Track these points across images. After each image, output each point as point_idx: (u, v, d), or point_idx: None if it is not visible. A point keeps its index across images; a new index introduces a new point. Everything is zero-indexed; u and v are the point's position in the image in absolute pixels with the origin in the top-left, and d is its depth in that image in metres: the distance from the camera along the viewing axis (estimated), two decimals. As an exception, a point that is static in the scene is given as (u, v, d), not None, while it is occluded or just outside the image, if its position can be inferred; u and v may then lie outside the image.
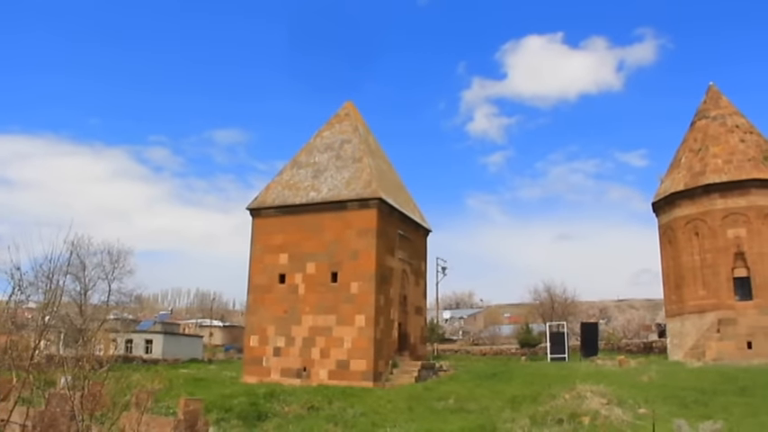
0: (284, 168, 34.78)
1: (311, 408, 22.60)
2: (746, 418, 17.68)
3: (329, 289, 30.57)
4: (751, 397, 20.78)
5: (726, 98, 40.12)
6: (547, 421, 17.96)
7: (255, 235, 33.14)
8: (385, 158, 37.38)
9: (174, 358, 53.20)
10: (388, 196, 32.07)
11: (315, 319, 30.44)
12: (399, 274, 33.30)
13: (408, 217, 34.79)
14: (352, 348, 29.46)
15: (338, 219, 31.27)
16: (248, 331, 32.41)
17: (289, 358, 30.51)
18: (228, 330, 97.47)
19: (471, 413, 20.34)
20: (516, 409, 20.02)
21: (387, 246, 31.81)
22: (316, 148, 34.86)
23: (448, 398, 22.60)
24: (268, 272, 32.06)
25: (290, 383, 28.25)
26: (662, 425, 16.23)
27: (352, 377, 28.78)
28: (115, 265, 48.86)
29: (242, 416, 21.20)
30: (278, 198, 33.12)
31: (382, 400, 23.37)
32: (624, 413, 18.34)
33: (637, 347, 51.09)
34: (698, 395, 21.07)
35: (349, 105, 36.95)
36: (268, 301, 31.69)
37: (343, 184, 32.09)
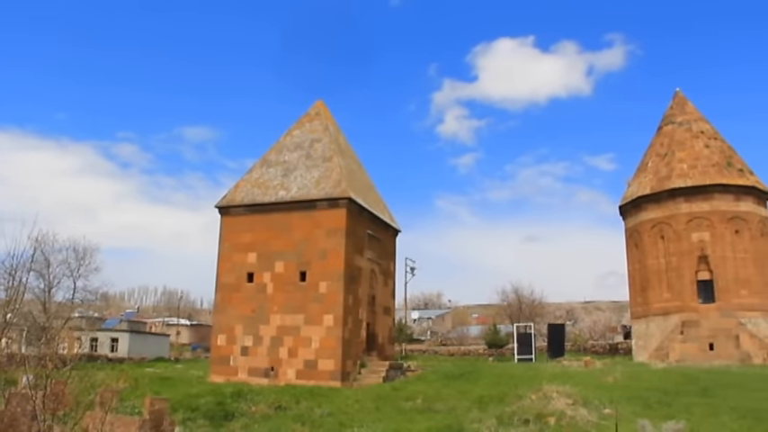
0: (254, 167, 34.58)
1: (278, 407, 22.51)
2: (707, 418, 18.01)
3: (298, 288, 30.47)
4: (712, 397, 21.17)
5: (691, 104, 40.82)
6: (513, 421, 18.09)
7: (224, 233, 32.90)
8: (355, 158, 37.36)
9: (141, 357, 52.65)
10: (357, 196, 32.05)
11: (283, 319, 30.31)
12: (368, 274, 33.30)
13: (378, 217, 34.81)
14: (321, 348, 29.39)
15: (307, 218, 31.18)
16: (216, 330, 32.16)
17: (256, 357, 30.34)
18: (196, 329, 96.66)
19: (438, 413, 20.40)
20: (483, 409, 20.13)
21: (356, 245, 31.79)
22: (286, 147, 34.71)
23: (415, 398, 22.63)
24: (236, 271, 31.85)
25: (257, 383, 28.09)
26: (626, 425, 16.44)
27: (320, 377, 28.71)
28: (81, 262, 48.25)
29: (209, 415, 21.04)
30: (247, 196, 32.92)
31: (350, 400, 23.34)
32: (589, 413, 18.54)
33: (603, 349, 51.80)
34: (661, 395, 21.38)
35: (320, 104, 36.85)
36: (236, 300, 31.48)
37: (313, 183, 32.00)
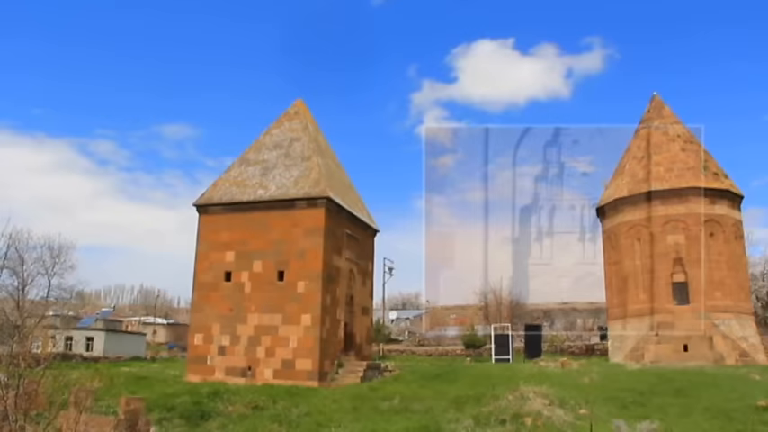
0: (232, 165, 34.43)
1: (255, 407, 22.43)
2: (681, 418, 18.28)
3: (275, 288, 30.37)
4: (686, 397, 21.47)
5: (668, 108, 41.26)
6: (490, 421, 18.20)
7: (202, 232, 32.72)
8: (334, 158, 37.33)
9: (116, 356, 52.22)
10: (336, 196, 32.03)
11: (260, 318, 30.20)
12: (346, 274, 33.29)
13: (356, 217, 34.81)
14: (298, 348, 29.32)
15: (286, 217, 31.09)
16: (193, 329, 31.97)
17: (233, 357, 30.20)
18: (173, 328, 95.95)
19: (416, 413, 20.45)
20: (460, 409, 20.22)
21: (334, 245, 31.76)
22: (264, 146, 34.59)
23: (393, 398, 22.67)
24: (214, 269, 31.69)
25: (234, 383, 27.98)
26: (602, 425, 16.63)
27: (298, 376, 28.65)
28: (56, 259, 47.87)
29: (185, 415, 20.93)
30: (225, 195, 32.77)
31: (327, 400, 23.34)
32: (565, 414, 18.71)
33: (579, 350, 52.13)
34: (636, 396, 21.63)
35: (299, 104, 36.77)
36: (213, 299, 31.32)
37: (292, 182, 31.92)
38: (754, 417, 18.43)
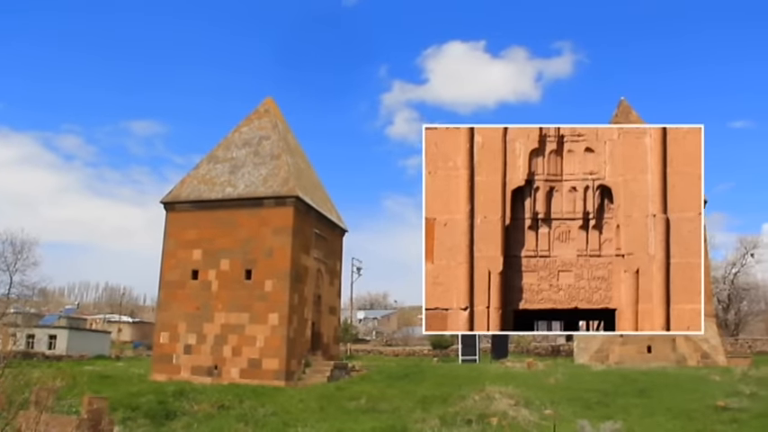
0: (201, 162, 34.15)
1: (221, 407, 22.30)
2: (644, 418, 18.56)
3: (243, 286, 30.21)
4: (649, 398, 21.80)
5: (635, 113, 41.80)
6: (456, 421, 18.30)
7: (169, 229, 32.42)
8: (304, 157, 37.22)
9: (80, 355, 51.53)
10: (305, 195, 31.95)
11: (227, 317, 30.02)
12: (314, 274, 33.23)
13: (325, 216, 34.75)
14: (265, 347, 29.20)
15: (254, 216, 30.95)
16: (159, 328, 31.65)
17: (200, 356, 29.98)
18: (138, 326, 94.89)
19: (382, 413, 20.48)
20: (427, 409, 20.30)
21: (302, 244, 31.68)
22: (233, 144, 34.37)
23: (360, 398, 22.67)
24: (181, 267, 31.42)
25: (200, 382, 27.78)
26: (566, 425, 16.81)
27: (264, 376, 28.53)
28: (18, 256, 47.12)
29: (150, 414, 20.72)
30: (193, 192, 32.50)
31: (294, 400, 23.27)
32: (531, 414, 18.89)
33: (545, 350, 52.75)
34: (601, 396, 21.89)
35: (269, 102, 36.58)
36: (180, 297, 31.05)
37: (261, 180, 31.78)
38: (713, 417, 18.82)
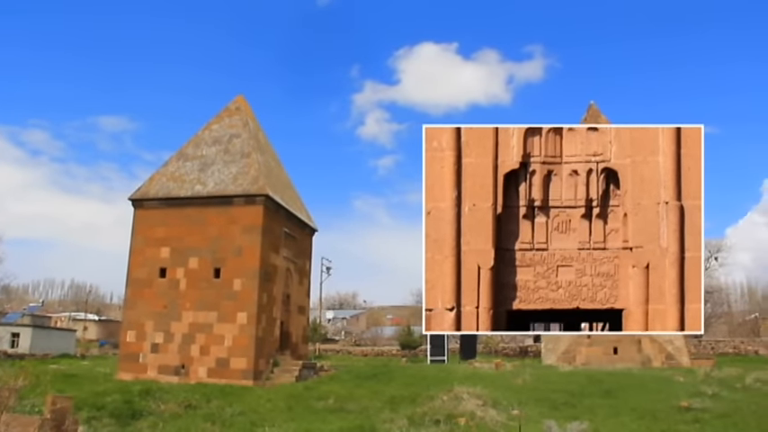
0: (170, 160, 33.82)
1: (188, 406, 22.10)
2: (609, 419, 18.78)
3: (211, 285, 29.99)
4: (614, 399, 22.07)
5: (604, 116, 42.24)
6: (424, 422, 18.33)
7: (137, 227, 32.06)
8: (274, 155, 37.06)
9: (44, 353, 50.67)
10: (275, 194, 31.82)
11: (195, 316, 29.78)
12: (283, 273, 33.11)
13: (295, 215, 34.65)
14: (233, 346, 29.03)
15: (223, 214, 30.75)
16: (125, 326, 31.30)
17: (167, 355, 29.70)
18: (104, 325, 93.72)
19: (351, 413, 20.47)
20: (395, 409, 20.32)
21: (272, 243, 31.55)
22: (204, 141, 34.10)
23: (328, 398, 22.63)
24: (148, 265, 31.09)
25: (167, 381, 27.55)
26: (533, 425, 16.95)
27: (232, 375, 28.36)
28: (-19, 252, 46.13)
29: (115, 414, 20.45)
30: (162, 190, 32.19)
31: (262, 399, 23.16)
32: (498, 414, 18.98)
33: (513, 351, 53.21)
34: (567, 397, 22.12)
35: (240, 99, 36.35)
36: (147, 295, 30.73)
37: (230, 178, 31.57)
38: (677, 417, 19.12)
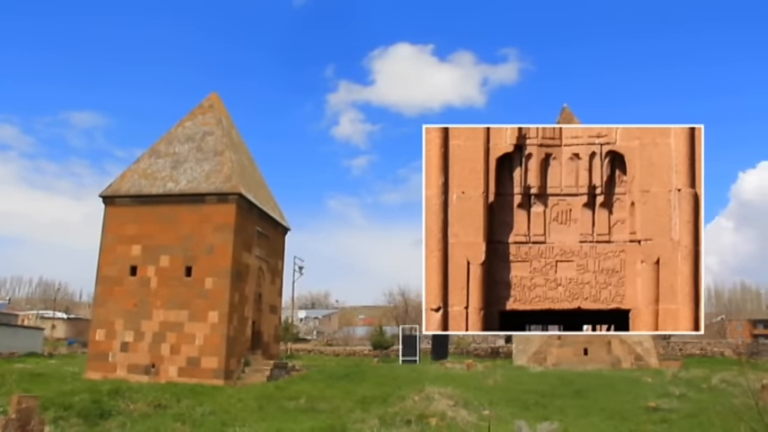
0: (142, 156, 33.48)
1: (158, 406, 21.86)
2: (579, 419, 18.96)
3: (183, 283, 29.75)
4: (585, 399, 22.31)
5: (577, 119, 42.70)
6: (396, 422, 18.32)
7: (107, 224, 31.68)
8: (248, 154, 36.86)
9: (10, 352, 49.86)
10: (248, 192, 31.65)
11: (166, 314, 29.51)
12: (255, 272, 32.95)
13: (267, 214, 34.49)
14: (204, 345, 28.82)
15: (195, 212, 30.51)
16: (95, 325, 30.92)
17: (137, 354, 29.39)
18: (73, 323, 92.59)
19: (322, 413, 20.43)
20: (366, 409, 20.31)
21: (244, 242, 31.38)
22: (176, 138, 33.81)
23: (299, 397, 22.56)
24: (119, 263, 30.74)
25: (137, 380, 27.27)
26: (504, 426, 17.04)
27: (203, 375, 28.16)
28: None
29: (83, 414, 20.16)
30: (133, 187, 31.86)
31: (233, 399, 23.02)
32: (469, 414, 19.05)
33: (485, 352, 53.47)
34: (538, 397, 22.30)
35: (213, 97, 36.08)
36: (117, 293, 30.39)
37: (203, 176, 31.34)
38: (645, 417, 19.36)
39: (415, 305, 72.31)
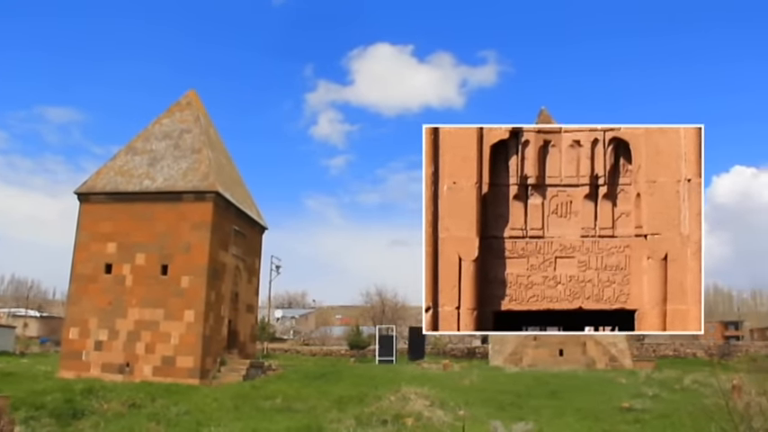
0: (118, 153, 33.18)
1: (132, 405, 21.72)
2: (554, 419, 19.12)
3: (158, 282, 29.54)
4: (559, 400, 22.50)
5: (555, 122, 43.04)
6: (372, 422, 18.35)
7: (82, 221, 31.36)
8: (225, 152, 36.68)
9: (-19, 350, 49.27)
10: (225, 191, 31.50)
11: (141, 313, 29.28)
12: (232, 271, 32.79)
13: (245, 213, 34.35)
14: (180, 344, 28.64)
15: (172, 210, 30.30)
16: (68, 323, 30.58)
17: (111, 353, 29.12)
18: (46, 321, 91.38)
19: (298, 413, 20.40)
20: (343, 409, 20.32)
21: (221, 241, 31.23)
22: (153, 135, 33.55)
23: (275, 397, 22.52)
24: (94, 261, 30.44)
25: (111, 379, 27.03)
26: (480, 426, 17.12)
27: (178, 374, 27.97)
28: None
29: (55, 414, 19.95)
30: (109, 184, 31.55)
31: (208, 399, 22.90)
32: (445, 415, 19.14)
33: (461, 352, 53.71)
34: (514, 398, 22.46)
35: (191, 94, 35.84)
36: (92, 291, 30.09)
37: (180, 174, 31.14)
38: (618, 417, 19.58)
39: (392, 305, 72.42)
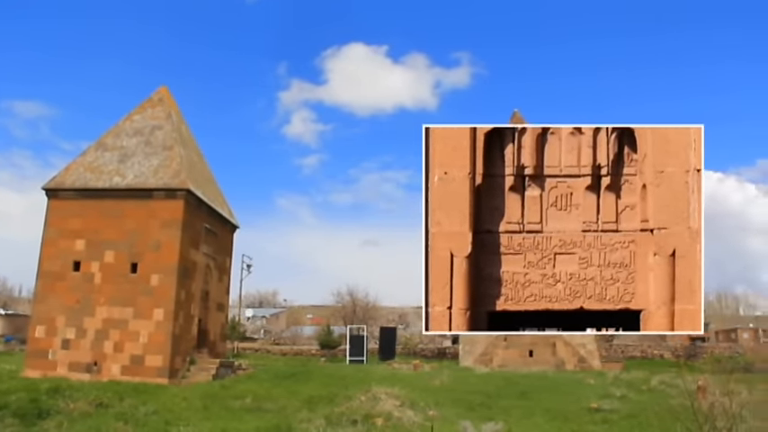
0: (88, 149, 32.76)
1: (100, 405, 21.43)
2: (523, 420, 19.27)
3: (128, 280, 29.22)
4: (529, 400, 22.68)
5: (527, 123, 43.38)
6: (342, 422, 18.34)
7: (50, 218, 30.91)
8: (197, 150, 36.40)
9: (-57, 348, 48.39)
10: (197, 188, 31.26)
11: (110, 311, 28.93)
12: (203, 269, 32.56)
13: (216, 211, 34.13)
14: (149, 343, 28.35)
15: (142, 207, 29.99)
16: (34, 321, 30.11)
17: (78, 351, 28.73)
18: (11, 319, 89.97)
19: (268, 413, 20.32)
20: (313, 409, 20.28)
21: (192, 239, 30.99)
22: (124, 132, 33.18)
23: (245, 397, 22.42)
24: (62, 258, 30.01)
25: (78, 379, 26.68)
26: (449, 426, 17.18)
27: (147, 373, 27.70)
28: None
29: (19, 413, 19.62)
30: (78, 180, 31.15)
31: (177, 398, 22.72)
32: (415, 415, 19.18)
33: (431, 353, 53.85)
34: (484, 398, 22.59)
35: (163, 90, 35.51)
36: (59, 289, 29.66)
37: (151, 171, 30.83)
38: (587, 418, 19.80)
39: (363, 305, 72.42)
